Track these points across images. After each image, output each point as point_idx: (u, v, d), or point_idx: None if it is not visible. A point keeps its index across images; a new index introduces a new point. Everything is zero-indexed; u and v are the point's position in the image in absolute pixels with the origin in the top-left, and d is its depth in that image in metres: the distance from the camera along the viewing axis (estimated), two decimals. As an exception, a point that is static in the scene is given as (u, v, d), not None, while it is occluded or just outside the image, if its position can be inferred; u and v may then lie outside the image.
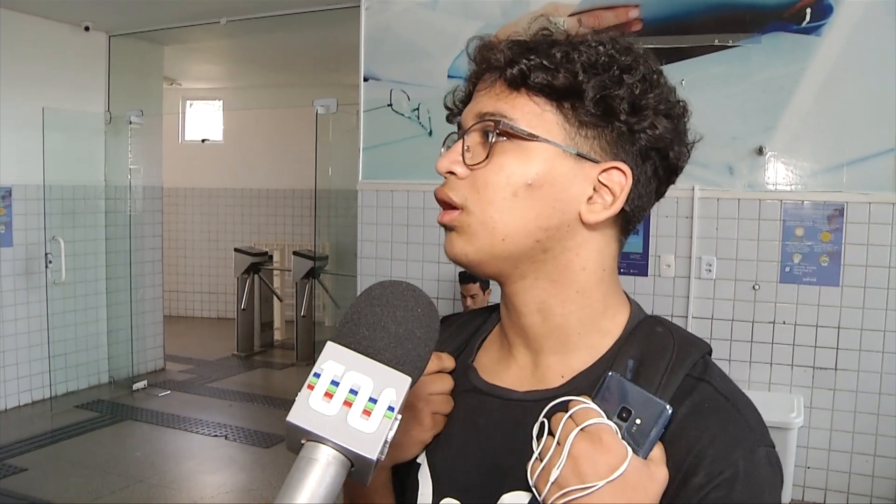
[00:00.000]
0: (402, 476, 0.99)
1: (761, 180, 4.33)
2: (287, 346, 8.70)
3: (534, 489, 0.78)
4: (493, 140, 0.83)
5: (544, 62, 0.81)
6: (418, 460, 0.97)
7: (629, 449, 0.75)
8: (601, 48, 0.82)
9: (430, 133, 5.04)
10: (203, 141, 10.24)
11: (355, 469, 0.68)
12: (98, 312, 6.79)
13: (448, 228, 0.88)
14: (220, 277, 9.95)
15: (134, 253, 6.89)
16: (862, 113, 4.10)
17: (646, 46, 0.87)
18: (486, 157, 0.83)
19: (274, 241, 9.78)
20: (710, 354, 0.87)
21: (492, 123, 0.83)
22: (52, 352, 6.29)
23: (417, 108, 5.08)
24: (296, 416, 0.67)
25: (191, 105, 10.57)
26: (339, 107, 5.80)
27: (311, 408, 0.68)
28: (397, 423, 0.68)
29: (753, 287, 4.36)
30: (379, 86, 5.21)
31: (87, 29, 6.48)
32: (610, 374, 0.81)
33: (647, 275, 4.56)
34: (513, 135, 0.83)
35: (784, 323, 4.32)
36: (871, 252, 4.15)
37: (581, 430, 0.76)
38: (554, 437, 0.78)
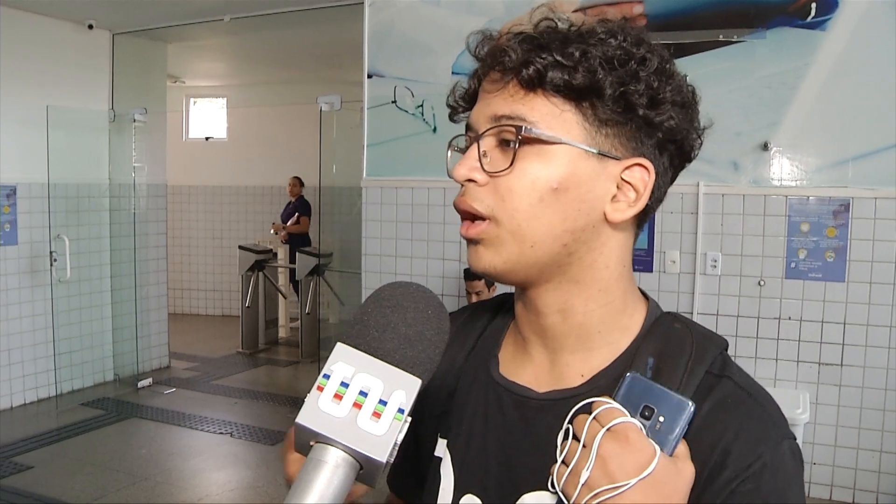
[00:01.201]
0: (423, 469, 0.99)
1: (766, 176, 4.32)
2: (292, 344, 8.71)
3: (561, 495, 0.77)
4: (517, 147, 0.81)
5: (561, 60, 0.79)
6: (439, 454, 0.97)
7: (657, 447, 0.75)
8: (613, 41, 0.81)
9: (435, 130, 5.03)
10: (207, 139, 10.27)
11: (364, 471, 0.68)
12: (103, 310, 6.80)
13: (473, 241, 0.86)
14: (224, 275, 9.97)
15: (138, 251, 6.90)
16: (867, 108, 4.09)
17: (654, 39, 0.85)
18: (511, 165, 0.82)
19: (278, 238, 9.77)
20: (727, 349, 0.86)
21: (512, 129, 0.81)
22: (57, 350, 6.31)
23: (421, 105, 5.07)
24: (305, 418, 0.67)
25: (194, 103, 10.57)
26: (342, 104, 5.80)
27: (320, 409, 0.67)
28: (407, 425, 0.68)
29: (759, 283, 4.36)
30: (383, 83, 5.20)
31: (90, 27, 6.48)
32: (630, 374, 0.81)
33: (652, 271, 4.56)
34: (534, 139, 0.81)
35: (790, 319, 4.31)
36: (876, 247, 4.14)
37: (607, 430, 0.76)
38: (578, 440, 0.77)
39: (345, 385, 0.68)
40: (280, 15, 6.02)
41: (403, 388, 0.69)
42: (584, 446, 0.76)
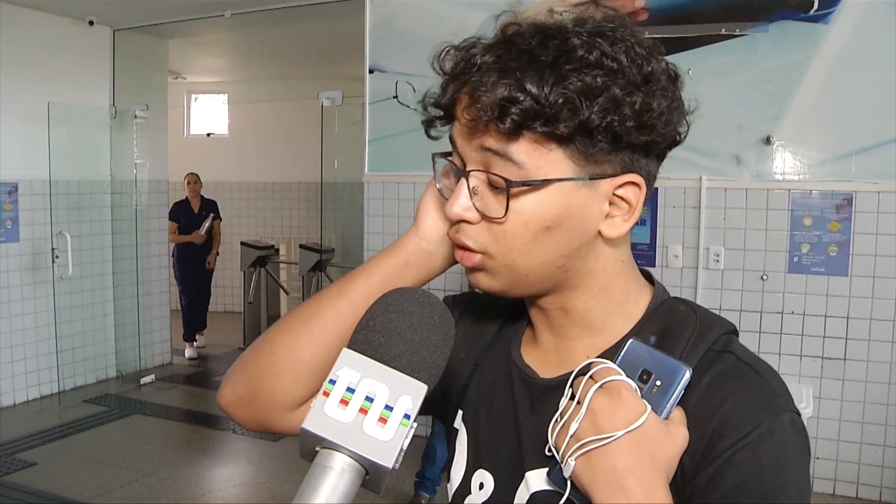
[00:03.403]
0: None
1: (769, 170, 4.31)
2: (294, 339, 8.69)
3: (553, 449, 0.79)
4: (509, 199, 0.79)
5: (539, 109, 0.74)
6: (455, 425, 0.99)
7: (648, 405, 0.76)
8: (591, 57, 0.76)
9: (436, 125, 5.01)
10: (208, 135, 10.26)
11: (369, 477, 0.68)
12: (105, 307, 6.80)
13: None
14: (226, 271, 9.94)
15: (140, 247, 6.90)
16: (870, 101, 4.08)
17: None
18: (505, 214, 0.80)
19: (280, 234, 9.78)
20: (736, 334, 0.86)
21: (501, 180, 0.78)
22: (59, 346, 6.31)
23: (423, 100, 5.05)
24: (311, 423, 0.67)
25: (196, 99, 10.57)
26: (344, 99, 5.79)
27: (326, 415, 0.67)
28: (413, 431, 0.68)
29: (762, 277, 4.35)
30: (384, 77, 5.19)
31: (91, 23, 6.47)
32: (631, 340, 0.82)
33: (654, 265, 4.55)
34: (523, 189, 0.79)
35: (792, 313, 4.31)
36: (879, 241, 4.13)
37: (600, 386, 0.77)
38: (575, 398, 0.79)
39: (351, 390, 0.68)
40: (281, 10, 6.01)
41: (409, 394, 0.69)
42: (578, 402, 0.78)
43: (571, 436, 0.76)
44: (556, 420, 0.79)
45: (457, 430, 0.99)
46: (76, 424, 5.74)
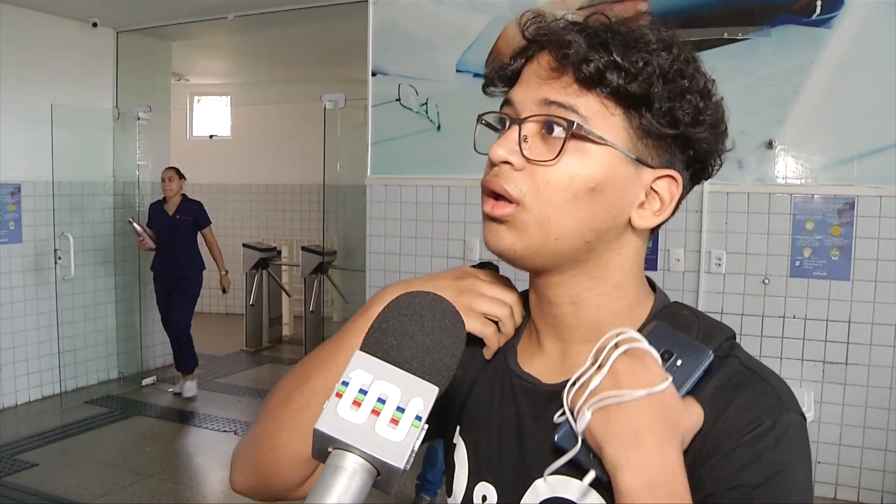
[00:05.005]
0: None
1: (771, 174, 4.32)
2: (295, 342, 8.72)
3: (567, 411, 0.79)
4: (566, 141, 0.80)
5: (622, 65, 0.79)
6: (454, 440, 0.99)
7: (670, 376, 0.77)
8: (665, 54, 0.81)
9: (439, 128, 5.03)
10: (211, 136, 10.26)
11: (381, 478, 0.68)
12: (107, 308, 6.81)
13: (497, 220, 0.85)
14: (228, 273, 9.96)
15: (142, 249, 6.90)
16: (872, 105, 4.08)
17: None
18: (557, 157, 0.81)
19: (282, 236, 9.79)
20: (735, 339, 0.87)
21: (564, 122, 0.81)
22: (61, 347, 6.32)
23: (426, 103, 5.07)
24: (324, 424, 0.67)
25: (198, 101, 10.58)
26: (347, 102, 5.80)
27: (339, 416, 0.68)
28: (424, 432, 0.68)
29: (763, 281, 4.35)
30: (387, 80, 5.20)
31: (94, 25, 6.49)
32: (656, 321, 0.84)
33: (656, 269, 4.55)
34: (583, 137, 0.81)
35: (794, 317, 4.31)
36: (881, 246, 4.13)
37: (624, 351, 0.77)
38: (596, 364, 0.79)
39: (363, 392, 0.69)
40: (284, 13, 6.02)
41: (421, 396, 0.69)
42: (599, 367, 0.78)
43: (591, 391, 0.76)
44: (574, 382, 0.79)
45: (455, 445, 0.99)
46: (78, 425, 5.74)
